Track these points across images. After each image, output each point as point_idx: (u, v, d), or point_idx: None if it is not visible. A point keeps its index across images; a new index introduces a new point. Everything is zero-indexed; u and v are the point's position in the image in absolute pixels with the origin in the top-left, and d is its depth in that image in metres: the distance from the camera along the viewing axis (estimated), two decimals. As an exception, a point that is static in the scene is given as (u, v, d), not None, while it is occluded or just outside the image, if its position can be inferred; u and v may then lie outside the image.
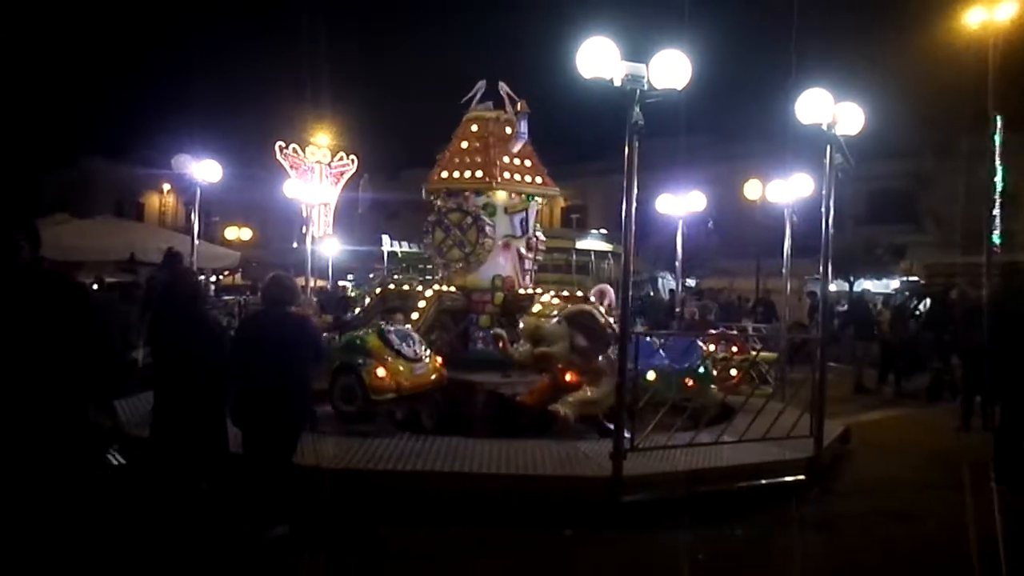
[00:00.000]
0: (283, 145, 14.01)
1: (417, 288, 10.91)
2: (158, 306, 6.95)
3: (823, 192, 7.97)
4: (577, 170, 32.98)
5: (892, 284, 27.01)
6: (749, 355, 9.79)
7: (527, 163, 10.59)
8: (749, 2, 32.10)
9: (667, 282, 24.60)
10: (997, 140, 18.78)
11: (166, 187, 40.50)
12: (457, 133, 10.87)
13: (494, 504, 6.37)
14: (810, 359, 8.72)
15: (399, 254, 26.52)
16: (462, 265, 10.45)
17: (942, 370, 13.61)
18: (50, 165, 41.23)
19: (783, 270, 11.57)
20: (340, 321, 10.86)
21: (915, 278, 26.20)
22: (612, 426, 7.19)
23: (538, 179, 10.63)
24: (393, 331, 8.49)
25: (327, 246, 17.29)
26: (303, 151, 14.26)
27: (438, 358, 8.86)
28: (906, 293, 23.49)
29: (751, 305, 20.52)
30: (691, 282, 25.26)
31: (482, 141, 10.58)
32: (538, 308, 8.81)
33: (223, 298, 19.91)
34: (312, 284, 14.68)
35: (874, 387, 14.59)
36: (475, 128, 10.71)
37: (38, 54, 51.76)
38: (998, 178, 19.03)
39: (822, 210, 7.97)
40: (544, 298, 9.50)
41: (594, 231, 28.63)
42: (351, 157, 15.11)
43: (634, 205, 6.78)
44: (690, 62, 6.62)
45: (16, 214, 3.61)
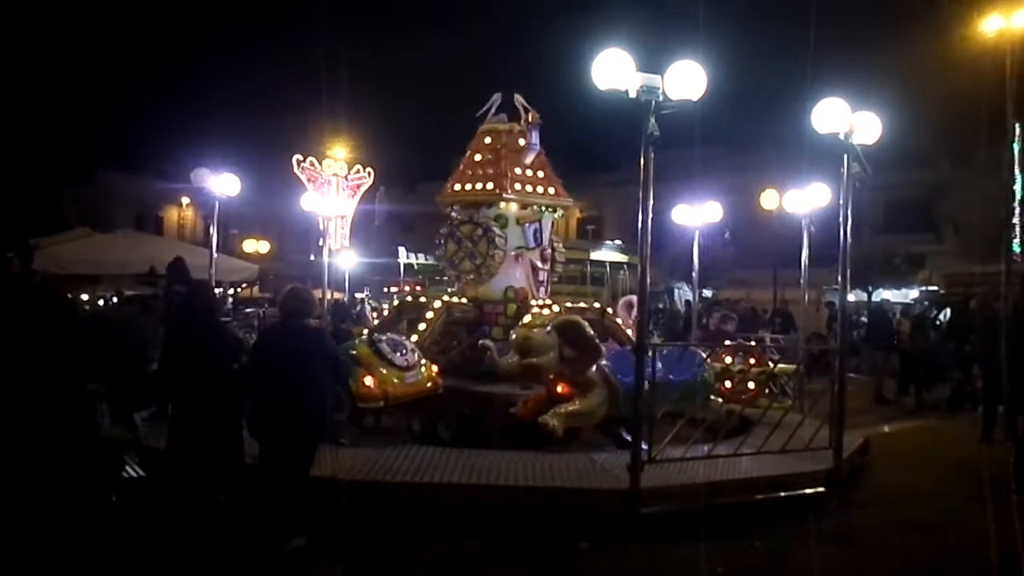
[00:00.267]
0: (300, 158, 14.07)
1: (418, 299, 10.99)
2: (175, 319, 7.00)
3: (840, 201, 7.93)
4: (593, 181, 32.96)
5: (911, 294, 26.83)
6: (767, 367, 9.68)
7: (540, 174, 10.61)
8: (764, 12, 32.07)
9: (683, 293, 24.54)
10: (1015, 148, 18.68)
11: (185, 201, 40.79)
12: (471, 145, 10.93)
13: (511, 516, 6.37)
14: (829, 370, 8.66)
15: (416, 266, 26.58)
16: (473, 277, 10.49)
17: (963, 380, 13.49)
18: (70, 180, 41.63)
19: (801, 280, 11.50)
20: (338, 329, 10.89)
21: (934, 288, 26.01)
22: (629, 437, 7.16)
23: (551, 190, 10.65)
24: (384, 340, 8.51)
25: (344, 258, 17.31)
26: (320, 164, 14.31)
27: (434, 367, 8.88)
28: (925, 303, 23.33)
29: (769, 316, 20.41)
30: (708, 293, 25.17)
31: (494, 153, 10.63)
32: (528, 319, 8.78)
33: (245, 310, 20.01)
34: (329, 296, 14.73)
35: (894, 398, 14.47)
36: (488, 140, 10.76)
37: (57, 69, 52.37)
38: (1017, 186, 18.94)
39: (840, 220, 7.93)
40: (535, 309, 9.48)
41: (609, 242, 28.60)
42: (368, 170, 15.14)
43: (650, 216, 6.78)
44: (705, 73, 6.62)
45: (7, 232, 3.81)
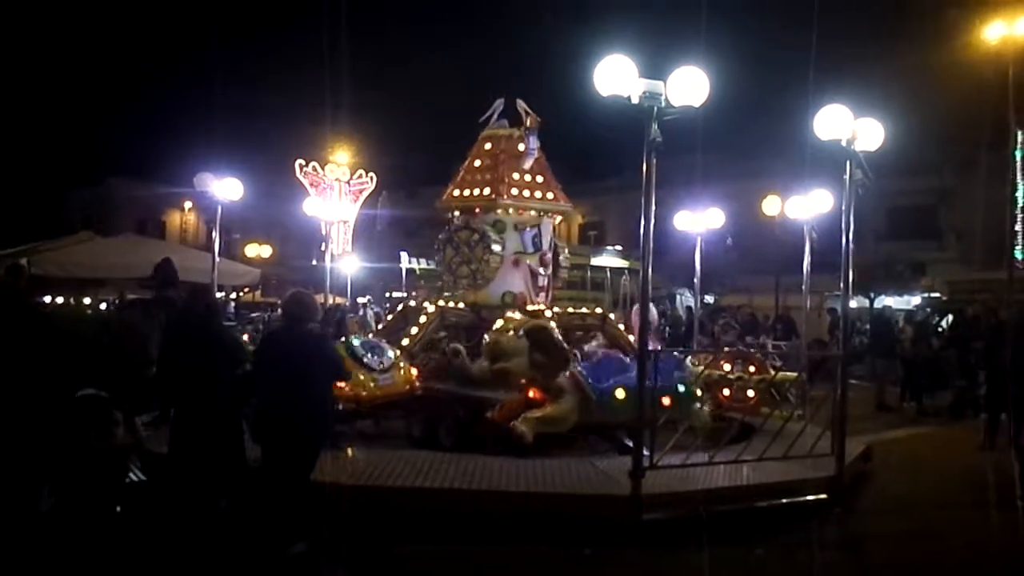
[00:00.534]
0: (303, 163, 14.05)
1: (422, 304, 10.99)
2: (176, 323, 7.00)
3: (843, 208, 7.93)
4: (595, 187, 32.94)
5: (913, 300, 26.79)
6: (767, 375, 9.58)
7: (538, 179, 10.59)
8: (767, 18, 32.08)
9: (685, 299, 24.50)
10: (1018, 155, 18.69)
11: (187, 205, 40.82)
12: (472, 151, 10.94)
13: (513, 522, 6.34)
14: (831, 376, 8.65)
15: (418, 271, 26.58)
16: (470, 282, 10.49)
17: (966, 388, 13.46)
18: (74, 185, 41.72)
19: (803, 287, 11.50)
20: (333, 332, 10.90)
21: (936, 294, 25.98)
22: (631, 443, 7.15)
23: (548, 195, 10.62)
24: (360, 343, 8.51)
25: (346, 263, 17.31)
26: (323, 169, 14.30)
27: (413, 370, 8.90)
28: (927, 310, 23.31)
29: (770, 322, 20.38)
30: (709, 299, 25.14)
31: (493, 159, 10.64)
32: (499, 324, 8.75)
33: (251, 315, 20.00)
34: (331, 301, 14.72)
35: (896, 405, 14.45)
36: (488, 146, 10.79)
37: (62, 74, 52.52)
38: (1019, 193, 18.94)
39: (842, 226, 7.92)
40: (508, 313, 9.48)
41: (609, 247, 28.56)
42: (370, 175, 15.12)
43: (652, 222, 6.79)
44: (708, 79, 6.63)
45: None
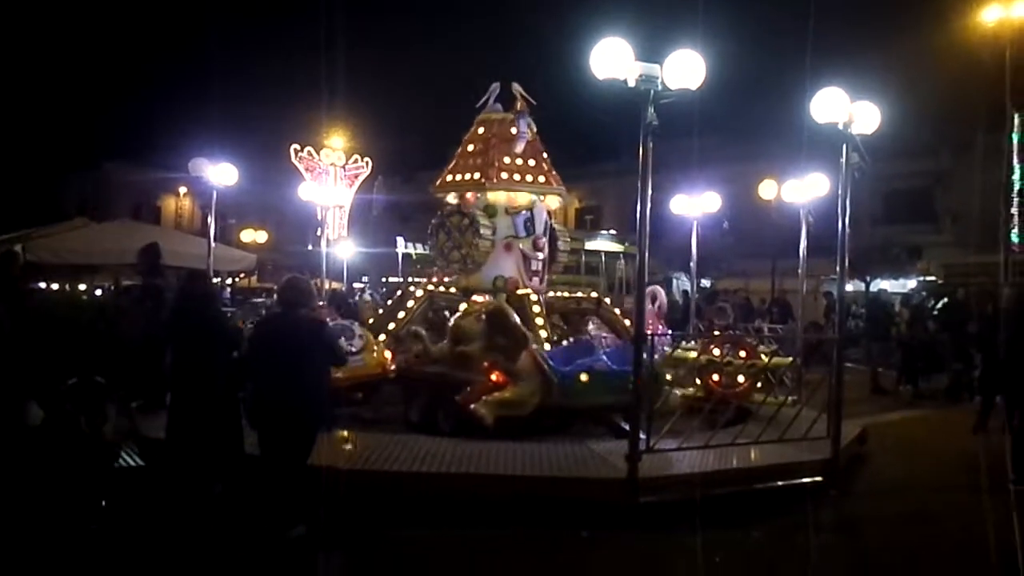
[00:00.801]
0: (298, 148, 14.00)
1: (410, 288, 11.00)
2: (172, 309, 6.99)
3: (839, 191, 7.92)
4: (591, 171, 32.87)
5: (909, 284, 26.81)
6: (757, 360, 9.49)
7: (530, 163, 10.52)
8: (763, 1, 31.94)
9: (681, 283, 24.51)
10: (1015, 138, 18.67)
11: (183, 190, 40.66)
12: (466, 136, 10.91)
13: (509, 506, 6.37)
14: (826, 359, 8.66)
15: (414, 255, 26.57)
16: (460, 267, 10.50)
17: (962, 371, 13.50)
18: (70, 170, 41.51)
19: (799, 270, 11.51)
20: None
21: (932, 278, 26.01)
22: (627, 427, 7.17)
23: (540, 179, 10.56)
24: (330, 325, 8.55)
25: (342, 248, 17.32)
26: (318, 154, 14.24)
27: (386, 352, 9.00)
28: (923, 293, 23.34)
29: (766, 306, 20.40)
30: (706, 283, 25.14)
31: (485, 143, 10.61)
32: (464, 307, 8.76)
33: (252, 300, 19.93)
34: (327, 286, 14.70)
35: (892, 388, 14.49)
36: (481, 130, 10.76)
37: (58, 59, 52.19)
38: (1016, 176, 18.93)
39: (838, 210, 7.92)
40: (476, 297, 9.56)
41: (603, 231, 28.52)
42: (366, 159, 15.07)
43: (648, 206, 6.78)
44: (704, 62, 6.61)
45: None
